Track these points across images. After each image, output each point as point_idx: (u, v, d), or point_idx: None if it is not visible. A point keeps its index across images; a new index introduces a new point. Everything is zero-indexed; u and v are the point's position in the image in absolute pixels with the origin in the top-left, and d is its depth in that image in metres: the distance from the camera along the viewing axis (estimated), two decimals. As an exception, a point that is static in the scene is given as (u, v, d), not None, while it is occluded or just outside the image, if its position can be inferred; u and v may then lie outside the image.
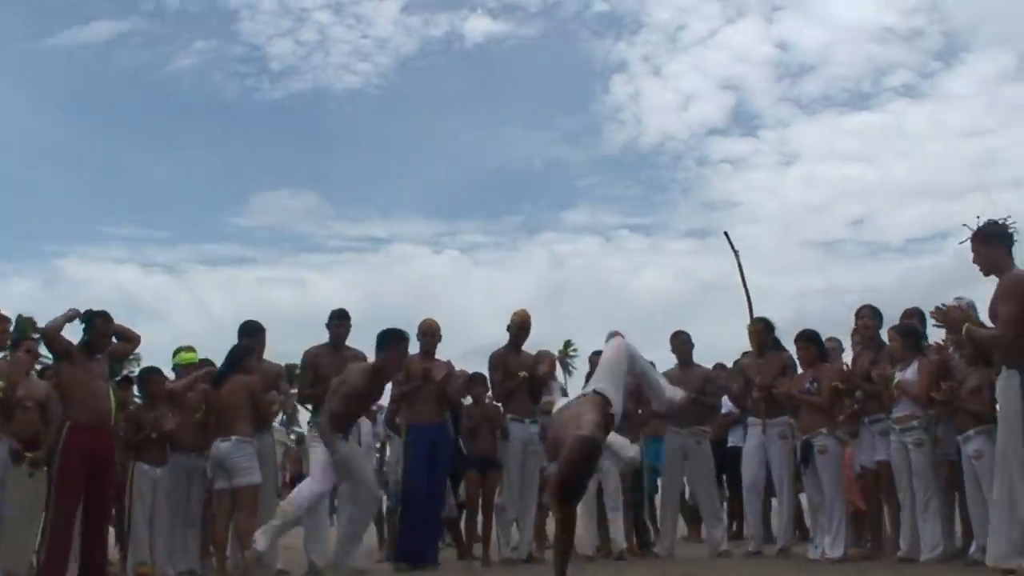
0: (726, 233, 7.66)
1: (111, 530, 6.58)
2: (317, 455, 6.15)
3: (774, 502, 7.89)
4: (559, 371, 7.47)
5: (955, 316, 5.28)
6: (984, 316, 5.28)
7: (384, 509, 8.29)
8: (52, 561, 5.76)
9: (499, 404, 7.38)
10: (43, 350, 6.59)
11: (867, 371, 6.45)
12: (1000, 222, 5.10)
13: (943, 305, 5.34)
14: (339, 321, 7.05)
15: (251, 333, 6.89)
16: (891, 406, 6.24)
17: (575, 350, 8.16)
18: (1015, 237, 5.08)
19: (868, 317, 6.75)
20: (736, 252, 7.47)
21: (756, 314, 7.37)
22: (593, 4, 21.43)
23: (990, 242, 5.07)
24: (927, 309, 5.76)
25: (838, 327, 7.58)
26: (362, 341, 6.99)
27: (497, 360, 7.22)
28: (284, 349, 10.92)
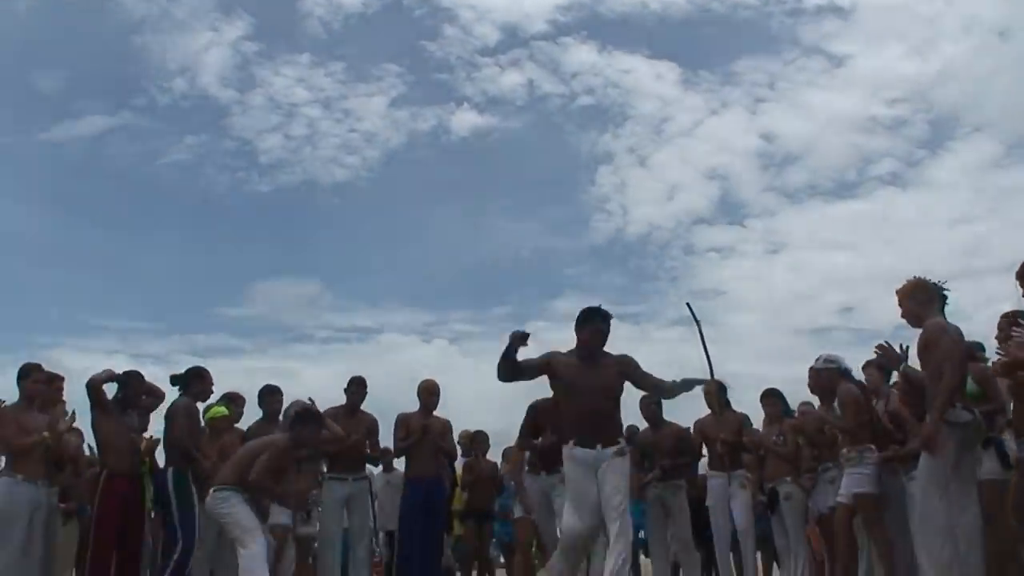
0: (688, 304, 8.15)
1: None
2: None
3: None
4: None
5: (894, 355, 5.90)
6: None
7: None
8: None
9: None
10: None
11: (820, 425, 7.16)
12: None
13: (886, 343, 5.91)
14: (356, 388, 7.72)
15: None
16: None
17: None
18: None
19: None
20: (698, 321, 7.95)
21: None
22: (578, 98, 22.53)
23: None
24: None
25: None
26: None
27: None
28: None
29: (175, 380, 6.97)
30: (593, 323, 5.68)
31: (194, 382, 6.96)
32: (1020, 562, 5.77)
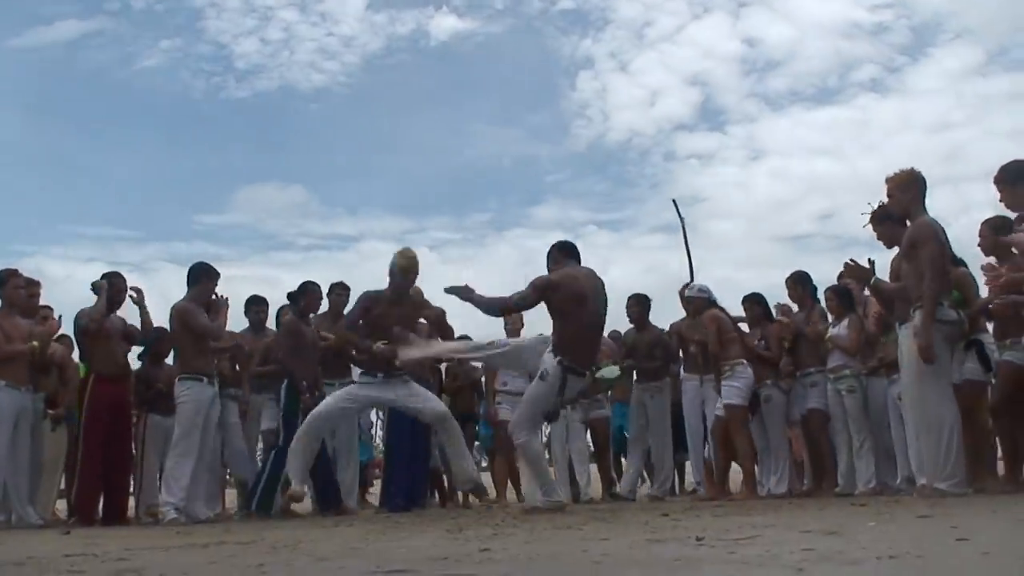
0: (674, 200, 8.02)
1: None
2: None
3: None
4: None
5: (861, 270, 5.94)
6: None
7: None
8: (84, 501, 6.40)
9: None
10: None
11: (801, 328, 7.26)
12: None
13: (852, 260, 5.99)
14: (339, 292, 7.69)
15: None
16: (826, 359, 7.03)
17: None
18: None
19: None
20: (682, 219, 7.87)
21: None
22: (559, 1, 21.90)
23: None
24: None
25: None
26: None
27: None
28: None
29: (290, 296, 6.97)
30: None
31: (300, 299, 6.94)
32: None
